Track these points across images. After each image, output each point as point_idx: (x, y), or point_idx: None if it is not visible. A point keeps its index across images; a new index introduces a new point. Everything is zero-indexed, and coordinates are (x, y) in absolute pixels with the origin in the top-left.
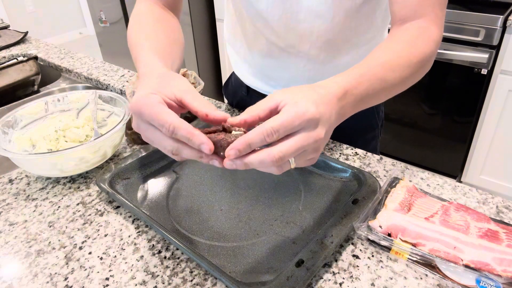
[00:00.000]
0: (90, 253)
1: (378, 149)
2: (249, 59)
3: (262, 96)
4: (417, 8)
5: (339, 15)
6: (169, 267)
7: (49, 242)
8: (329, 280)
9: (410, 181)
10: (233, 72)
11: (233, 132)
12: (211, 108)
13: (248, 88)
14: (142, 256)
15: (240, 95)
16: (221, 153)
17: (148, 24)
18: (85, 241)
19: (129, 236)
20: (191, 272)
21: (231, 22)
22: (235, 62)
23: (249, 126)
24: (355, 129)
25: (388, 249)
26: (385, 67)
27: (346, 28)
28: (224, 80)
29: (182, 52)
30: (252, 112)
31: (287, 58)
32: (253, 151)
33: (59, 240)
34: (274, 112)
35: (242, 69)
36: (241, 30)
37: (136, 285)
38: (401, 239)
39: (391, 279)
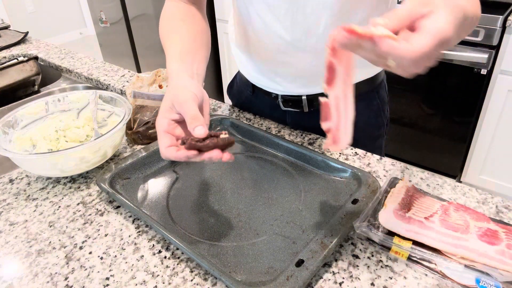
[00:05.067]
0: (90, 252)
1: (383, 148)
2: (255, 56)
3: (268, 94)
4: None
5: (347, 5)
6: (169, 266)
7: (50, 242)
8: (329, 280)
9: (410, 181)
10: (238, 72)
11: (221, 136)
12: (196, 124)
13: (253, 88)
14: (142, 256)
15: (245, 95)
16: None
17: (175, 27)
18: (86, 240)
19: (129, 236)
20: (191, 272)
21: (237, 20)
22: (240, 61)
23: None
24: (362, 127)
25: (387, 248)
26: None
27: (353, 18)
28: (224, 80)
29: (207, 51)
30: (396, 18)
31: (294, 52)
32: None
33: (59, 240)
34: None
35: (248, 67)
36: (250, 26)
37: (136, 284)
38: (400, 239)
39: (391, 278)
